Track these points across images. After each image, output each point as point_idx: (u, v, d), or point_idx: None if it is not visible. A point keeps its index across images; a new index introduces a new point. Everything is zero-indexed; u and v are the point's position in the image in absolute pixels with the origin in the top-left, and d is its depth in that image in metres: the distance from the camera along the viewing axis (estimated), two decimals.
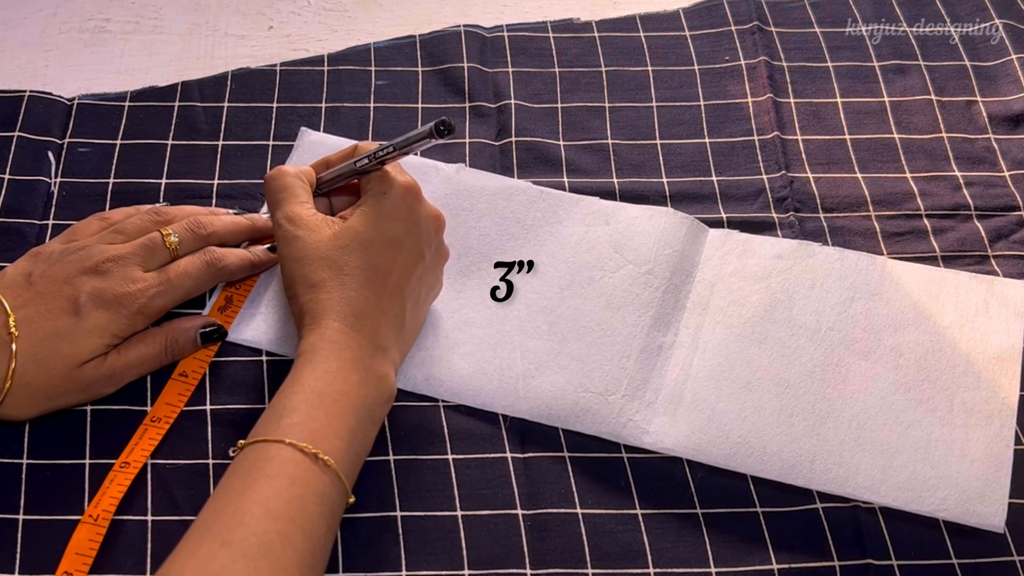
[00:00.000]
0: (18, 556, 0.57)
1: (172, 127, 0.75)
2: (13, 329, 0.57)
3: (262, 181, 0.72)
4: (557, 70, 0.81)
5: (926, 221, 0.74)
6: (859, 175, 0.76)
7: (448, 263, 0.69)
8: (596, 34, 0.83)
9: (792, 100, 0.80)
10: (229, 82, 0.78)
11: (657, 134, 0.77)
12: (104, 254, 0.61)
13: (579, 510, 0.60)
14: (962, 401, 0.64)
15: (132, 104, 0.76)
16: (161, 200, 0.71)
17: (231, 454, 0.54)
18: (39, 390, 0.58)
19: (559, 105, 0.79)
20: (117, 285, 0.60)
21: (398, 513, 0.59)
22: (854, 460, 0.62)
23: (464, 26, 0.82)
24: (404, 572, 0.57)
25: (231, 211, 0.69)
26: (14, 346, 0.57)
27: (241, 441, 0.54)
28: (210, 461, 0.61)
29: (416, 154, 0.67)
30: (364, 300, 0.58)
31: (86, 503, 0.58)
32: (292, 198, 0.62)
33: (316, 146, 0.74)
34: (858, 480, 0.61)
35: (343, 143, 0.74)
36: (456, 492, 0.60)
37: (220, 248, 0.65)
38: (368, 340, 0.58)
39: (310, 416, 0.54)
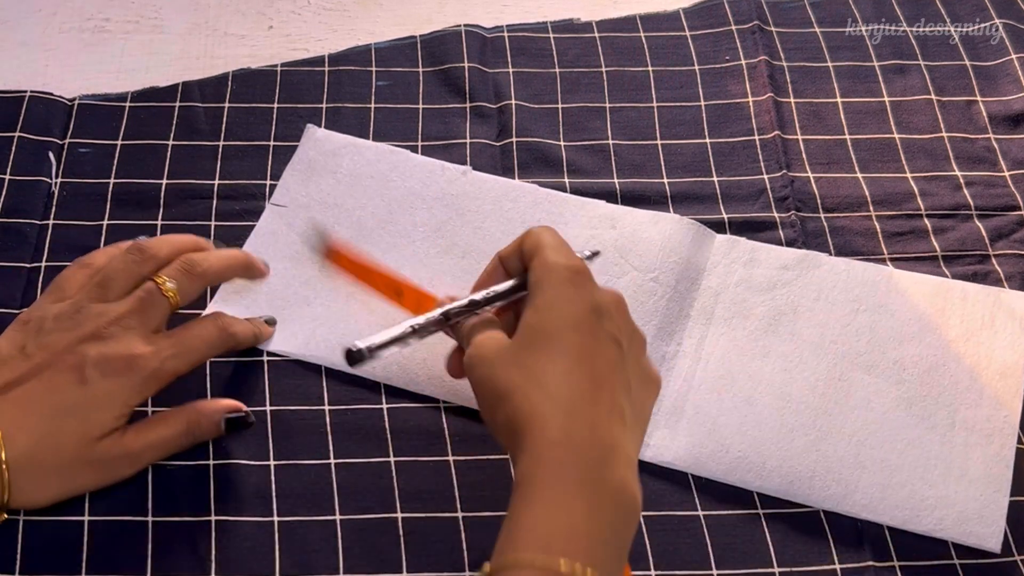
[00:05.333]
0: (18, 556, 0.57)
1: (173, 127, 0.75)
2: None
3: (263, 182, 0.72)
4: (557, 70, 0.81)
5: (926, 221, 0.74)
6: (859, 175, 0.76)
7: (452, 262, 0.69)
8: (596, 34, 0.83)
9: (792, 100, 0.80)
10: (230, 82, 0.78)
11: (658, 134, 0.77)
12: (103, 317, 0.57)
13: None
14: (963, 419, 0.64)
15: (133, 104, 0.76)
16: (161, 201, 0.71)
17: None
18: (51, 472, 0.55)
19: (559, 105, 0.79)
20: (124, 349, 0.56)
21: (399, 514, 0.59)
22: (853, 477, 0.62)
23: (464, 26, 0.82)
24: (405, 574, 0.57)
25: (213, 241, 0.66)
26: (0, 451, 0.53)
27: (487, 564, 0.47)
28: (211, 462, 0.60)
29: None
30: (569, 392, 0.50)
31: (87, 503, 0.58)
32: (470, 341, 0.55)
33: (322, 143, 0.74)
34: (856, 498, 0.61)
35: (349, 141, 0.74)
36: (457, 493, 0.60)
37: (232, 319, 0.62)
38: (589, 440, 0.49)
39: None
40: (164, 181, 0.72)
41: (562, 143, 0.76)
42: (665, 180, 0.75)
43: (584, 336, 0.52)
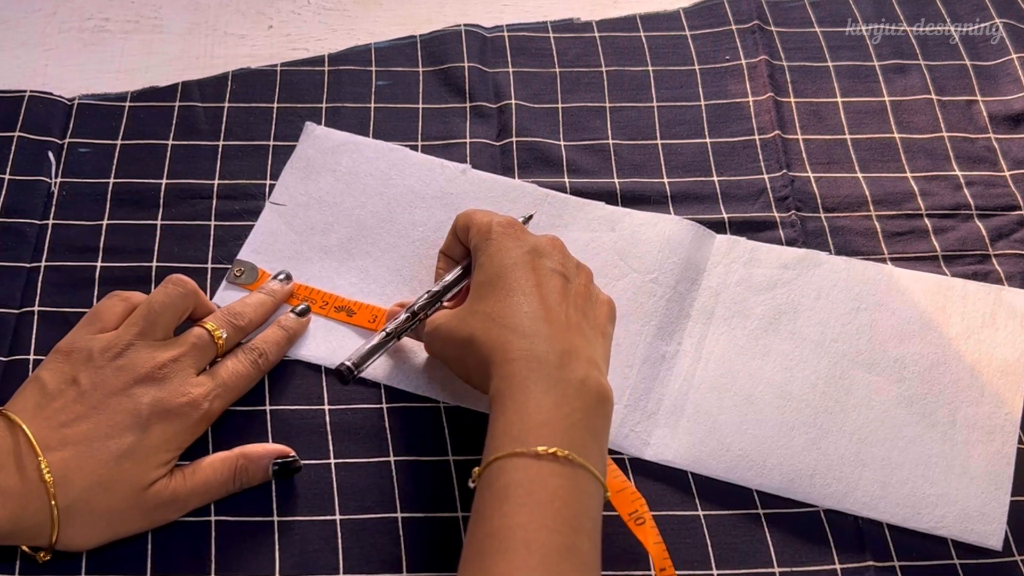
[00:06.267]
0: (19, 556, 0.57)
1: (172, 127, 0.75)
2: (46, 473, 0.53)
3: (263, 181, 0.72)
4: (557, 70, 0.81)
5: (927, 221, 0.74)
6: (860, 175, 0.76)
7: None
8: (596, 34, 0.83)
9: (792, 100, 0.80)
10: (229, 82, 0.78)
11: (658, 134, 0.77)
12: (157, 359, 0.57)
13: None
14: (964, 416, 0.64)
15: (132, 104, 0.76)
16: (161, 200, 0.71)
17: (471, 485, 0.52)
18: (102, 517, 0.54)
19: (559, 105, 0.79)
20: (178, 394, 0.57)
21: (399, 514, 0.59)
22: (854, 475, 0.62)
23: (464, 26, 0.82)
24: (405, 574, 0.57)
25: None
26: (52, 492, 0.53)
27: (476, 469, 0.52)
28: None
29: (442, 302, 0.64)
30: (520, 320, 0.55)
31: None
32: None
33: (321, 141, 0.74)
34: (857, 495, 0.61)
35: (348, 139, 0.74)
36: (457, 493, 0.60)
37: (261, 342, 0.62)
38: (547, 350, 0.54)
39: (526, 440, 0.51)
40: (164, 181, 0.72)
41: (562, 143, 0.76)
42: (665, 180, 0.75)
43: (527, 272, 0.58)
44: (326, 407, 0.63)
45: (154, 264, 0.68)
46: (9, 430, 0.54)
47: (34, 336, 0.64)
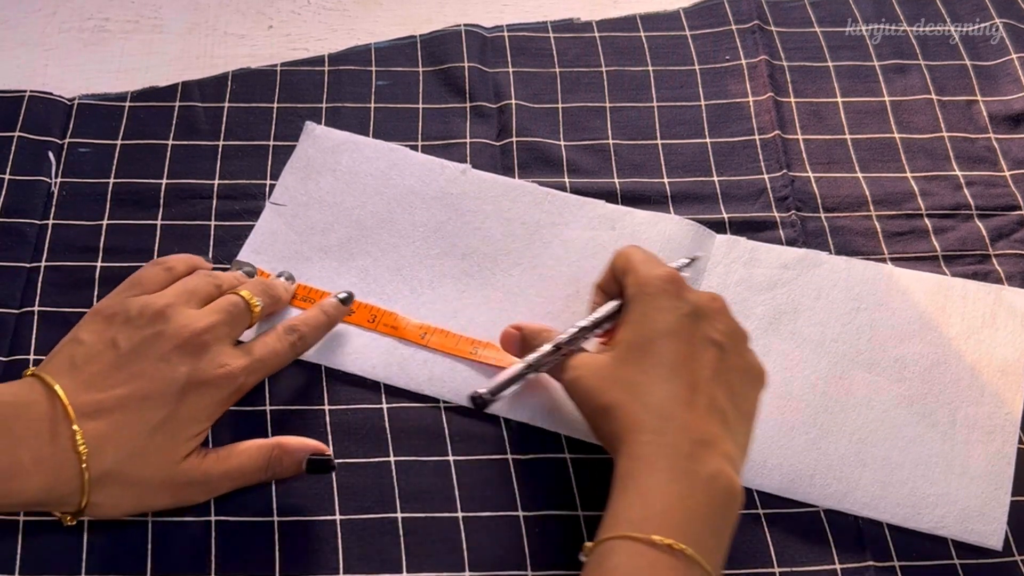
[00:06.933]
0: (18, 556, 0.57)
1: (172, 127, 0.75)
2: (80, 444, 0.52)
3: (263, 181, 0.72)
4: (557, 70, 0.81)
5: (927, 221, 0.74)
6: (860, 175, 0.76)
7: (452, 264, 0.69)
8: (596, 34, 0.83)
9: (793, 99, 0.80)
10: (229, 82, 0.78)
11: (658, 134, 0.77)
12: (195, 325, 0.56)
13: (580, 512, 0.60)
14: (965, 416, 0.64)
15: (132, 104, 0.76)
16: (161, 200, 0.71)
17: (581, 559, 0.50)
18: (131, 489, 0.54)
19: (559, 105, 0.79)
20: (215, 366, 0.55)
21: (399, 514, 0.59)
22: (854, 475, 0.62)
23: (464, 26, 0.82)
24: (405, 574, 0.57)
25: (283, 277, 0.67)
26: (84, 464, 0.52)
27: (588, 543, 0.50)
28: None
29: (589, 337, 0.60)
30: (664, 399, 0.53)
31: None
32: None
33: (320, 140, 0.74)
34: (857, 496, 0.61)
35: (348, 138, 0.74)
36: (457, 493, 0.60)
37: (302, 323, 0.61)
38: (682, 438, 0.51)
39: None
40: (164, 181, 0.72)
41: (562, 143, 0.76)
42: (665, 180, 0.75)
43: (679, 343, 0.54)
44: (326, 407, 0.63)
45: None
46: (45, 395, 0.53)
47: (34, 336, 0.64)
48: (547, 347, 0.59)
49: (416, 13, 0.85)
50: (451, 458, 0.62)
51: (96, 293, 0.67)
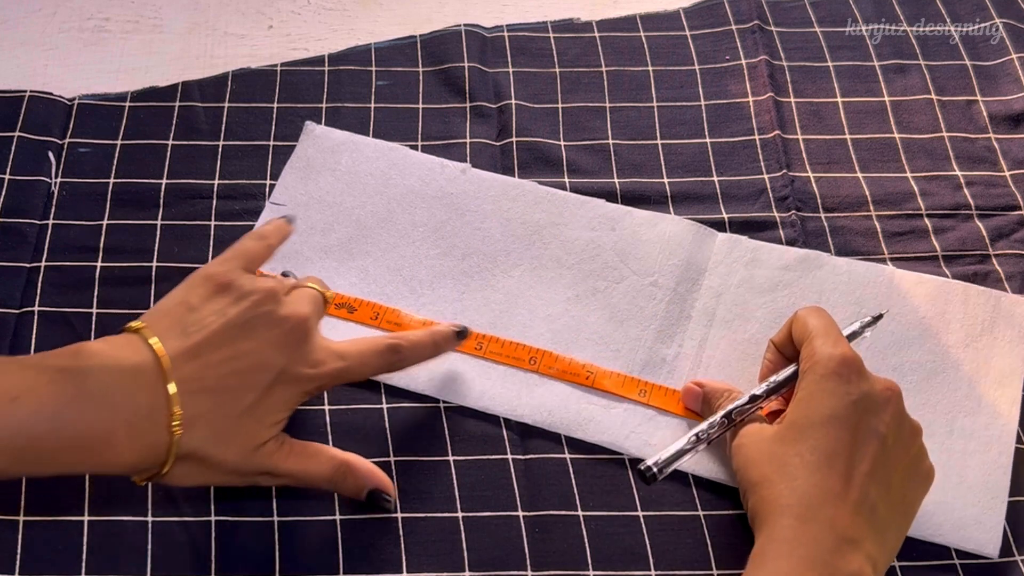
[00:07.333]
0: (18, 556, 0.57)
1: (172, 127, 0.75)
2: (176, 425, 0.51)
3: (263, 181, 0.72)
4: (557, 70, 0.81)
5: (927, 221, 0.74)
6: (860, 175, 0.76)
7: (452, 264, 0.69)
8: (596, 34, 0.83)
9: (793, 99, 0.80)
10: (229, 82, 0.78)
11: (658, 134, 0.77)
12: (299, 311, 0.55)
13: (580, 512, 0.60)
14: (961, 426, 0.64)
15: (132, 104, 0.76)
16: (161, 200, 0.71)
17: None
18: (208, 467, 0.53)
19: (560, 105, 0.79)
20: (310, 364, 0.55)
21: (399, 514, 0.59)
22: None
23: (464, 26, 0.82)
24: (405, 574, 0.57)
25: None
26: (178, 434, 0.51)
27: None
28: None
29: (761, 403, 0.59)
30: (814, 487, 0.51)
31: (86, 503, 0.58)
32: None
33: (320, 140, 0.74)
34: None
35: (348, 137, 0.74)
36: (457, 493, 0.60)
37: (407, 344, 0.60)
38: (826, 532, 0.50)
39: None
40: (164, 181, 0.72)
41: (562, 143, 0.76)
42: (665, 180, 0.75)
43: (841, 431, 0.53)
44: (326, 407, 0.63)
45: (154, 264, 0.68)
46: (151, 362, 0.51)
47: (34, 336, 0.64)
48: (718, 416, 0.58)
49: (416, 13, 0.85)
50: (451, 458, 0.62)
51: (96, 293, 0.67)
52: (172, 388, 0.51)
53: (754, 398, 0.58)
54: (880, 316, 0.64)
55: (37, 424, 0.48)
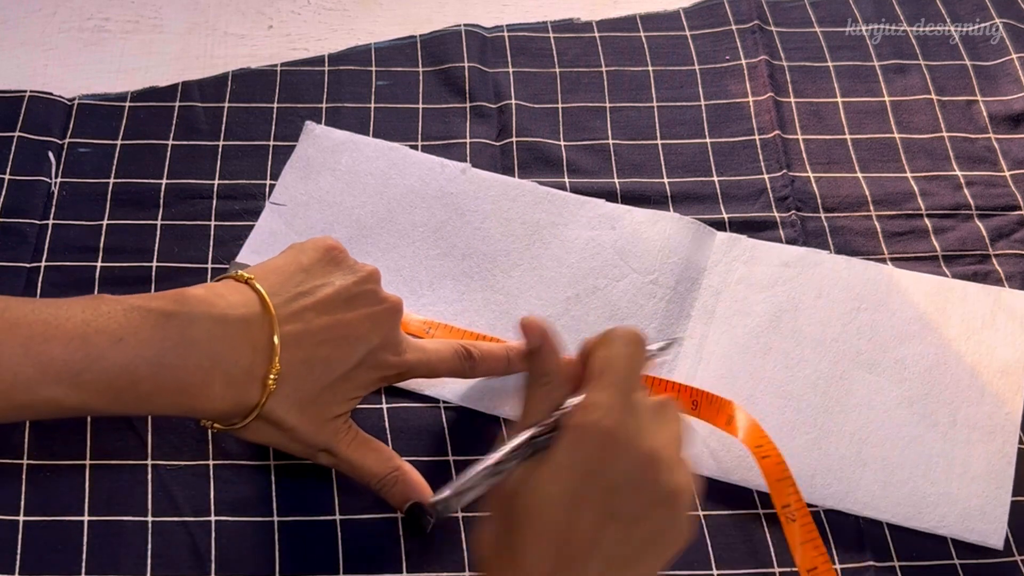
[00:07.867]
0: (18, 556, 0.57)
1: (172, 127, 0.75)
2: (271, 382, 0.51)
3: (263, 181, 0.72)
4: (557, 70, 0.81)
5: (927, 221, 0.74)
6: (860, 175, 0.76)
7: (452, 264, 0.69)
8: (596, 34, 0.83)
9: (793, 99, 0.80)
10: (229, 82, 0.78)
11: (658, 134, 0.77)
12: (383, 304, 0.55)
13: None
14: (965, 416, 0.64)
15: (132, 104, 0.76)
16: (161, 200, 0.71)
17: None
18: (278, 432, 0.54)
19: (559, 105, 0.79)
20: (396, 351, 0.56)
21: (399, 514, 0.59)
22: (854, 475, 0.61)
23: (464, 26, 0.82)
24: (405, 574, 0.57)
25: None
26: (272, 388, 0.51)
27: None
28: (210, 462, 0.60)
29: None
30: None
31: (86, 503, 0.58)
32: None
33: (320, 140, 0.74)
34: (858, 495, 0.61)
35: (348, 137, 0.74)
36: None
37: (480, 353, 0.59)
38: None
39: None
40: (164, 181, 0.72)
41: (562, 143, 0.76)
42: (665, 180, 0.75)
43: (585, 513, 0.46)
44: None
45: (154, 264, 0.68)
46: (258, 315, 0.52)
47: None
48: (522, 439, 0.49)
49: (416, 13, 0.85)
50: (451, 458, 0.62)
51: (96, 293, 0.66)
52: (277, 342, 0.51)
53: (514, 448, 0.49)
54: (674, 341, 0.64)
55: (139, 367, 0.49)
